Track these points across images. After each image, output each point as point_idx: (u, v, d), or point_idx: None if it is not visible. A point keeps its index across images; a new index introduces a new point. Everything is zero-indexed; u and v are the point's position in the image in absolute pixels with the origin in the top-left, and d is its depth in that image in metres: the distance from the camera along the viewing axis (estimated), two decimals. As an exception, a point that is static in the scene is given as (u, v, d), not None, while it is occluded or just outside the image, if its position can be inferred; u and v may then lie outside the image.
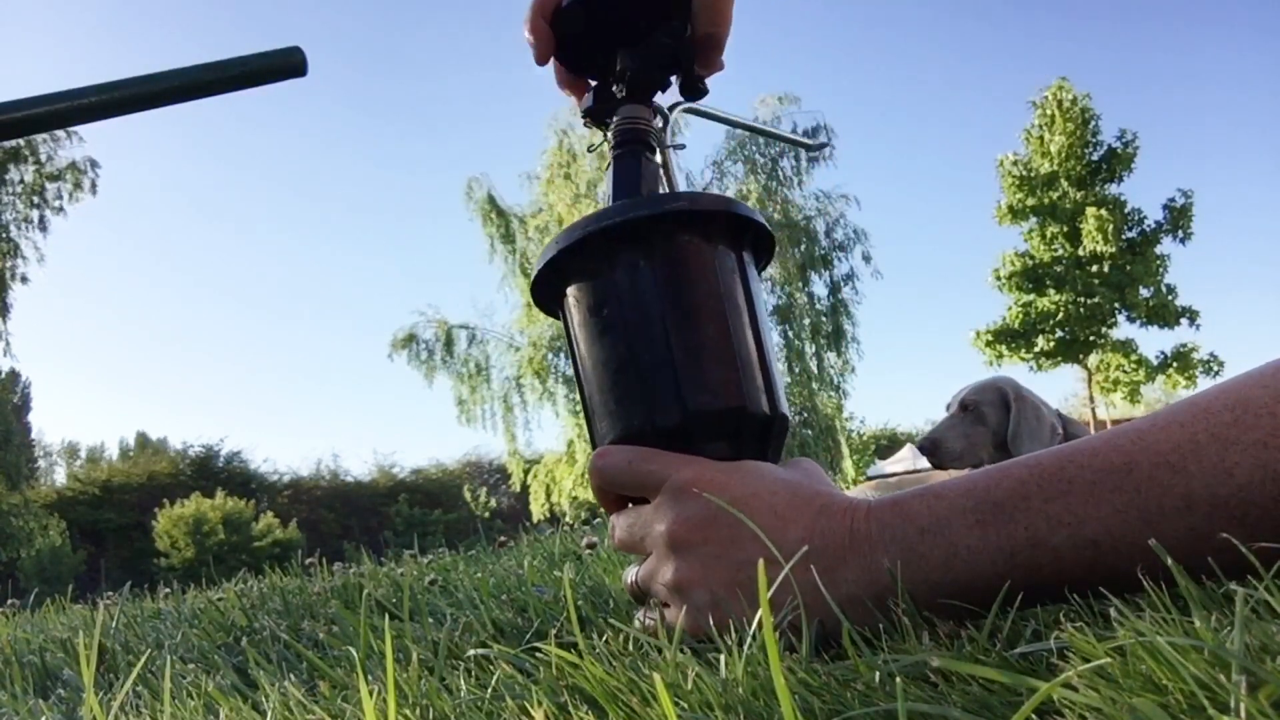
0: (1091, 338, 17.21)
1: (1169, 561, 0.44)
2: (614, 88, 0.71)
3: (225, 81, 0.78)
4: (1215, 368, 17.19)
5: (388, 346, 18.28)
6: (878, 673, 0.47)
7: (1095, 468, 0.47)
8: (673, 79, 0.71)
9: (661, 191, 0.65)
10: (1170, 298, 16.97)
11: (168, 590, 2.73)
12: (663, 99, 0.73)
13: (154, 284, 44.94)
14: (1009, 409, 2.69)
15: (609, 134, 0.70)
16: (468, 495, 23.86)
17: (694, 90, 0.70)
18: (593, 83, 0.74)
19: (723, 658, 0.51)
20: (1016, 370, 17.43)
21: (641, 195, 0.64)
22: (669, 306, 0.58)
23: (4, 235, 18.37)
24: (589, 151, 0.77)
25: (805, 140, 0.72)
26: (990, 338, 17.43)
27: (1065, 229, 17.13)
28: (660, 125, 0.72)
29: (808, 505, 0.54)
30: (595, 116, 0.72)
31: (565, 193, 17.34)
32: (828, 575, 0.52)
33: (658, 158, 0.70)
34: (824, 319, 17.61)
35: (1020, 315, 17.30)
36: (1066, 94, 17.16)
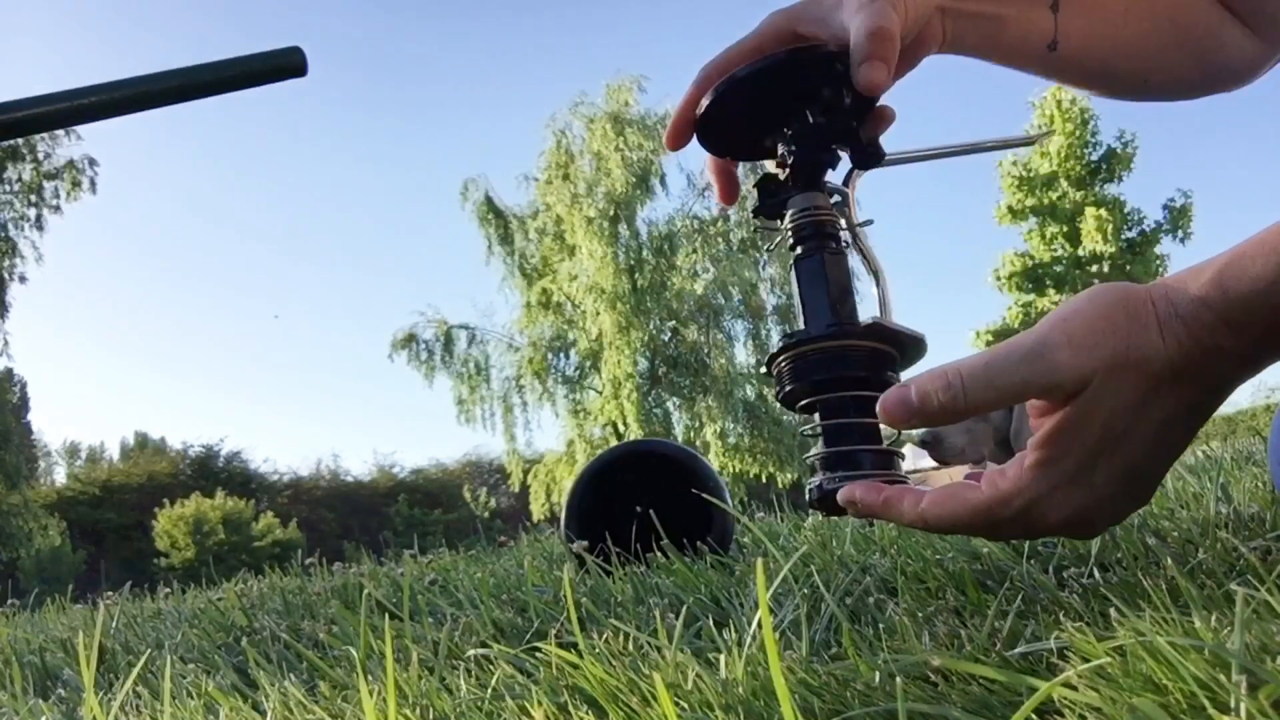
0: (1091, 338, 17.19)
1: None
2: (781, 175, 0.65)
3: (225, 81, 0.78)
4: (1215, 368, 17.22)
5: (388, 346, 18.27)
6: (878, 673, 0.47)
7: None
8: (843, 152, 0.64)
9: (847, 284, 0.62)
10: (1170, 298, 16.95)
11: (168, 590, 2.73)
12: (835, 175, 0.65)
13: (154, 284, 44.93)
14: (1011, 406, 2.70)
15: (785, 227, 0.64)
16: (468, 495, 23.86)
17: (868, 157, 0.62)
18: (752, 169, 0.68)
19: (722, 658, 0.51)
20: (1016, 370, 17.37)
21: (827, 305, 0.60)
22: None
23: (2, 234, 18.36)
24: (766, 251, 0.73)
25: (1027, 139, 0.59)
26: (990, 338, 17.42)
27: (1065, 229, 17.13)
28: (839, 202, 0.64)
29: (1125, 368, 0.47)
30: (768, 212, 0.65)
31: (563, 193, 17.33)
32: (1210, 396, 0.48)
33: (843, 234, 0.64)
34: (824, 319, 17.60)
35: (1020, 315, 17.29)
36: (1065, 94, 17.15)
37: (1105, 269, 16.86)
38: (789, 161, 0.64)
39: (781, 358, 0.61)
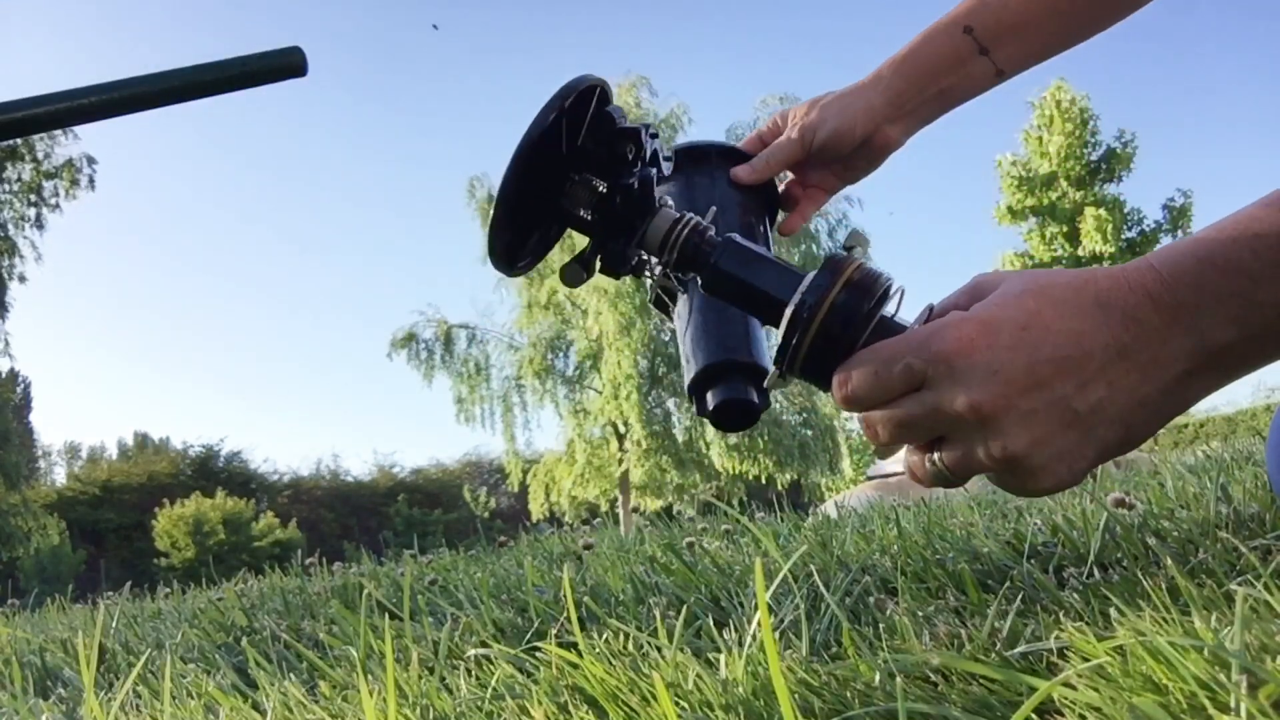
0: (1091, 338, 17.21)
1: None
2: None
3: (225, 81, 0.78)
4: (1215, 368, 17.23)
5: (387, 346, 18.27)
6: (878, 673, 0.47)
7: None
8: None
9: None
10: (1170, 298, 16.98)
11: (168, 590, 2.73)
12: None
13: (154, 283, 44.95)
14: None
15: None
16: (467, 495, 23.86)
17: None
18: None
19: (722, 657, 0.51)
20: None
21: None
22: None
23: (1, 234, 18.35)
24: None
25: None
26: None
27: (1065, 229, 17.13)
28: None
29: (1083, 303, 0.48)
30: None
31: (565, 193, 17.30)
32: (1153, 363, 0.47)
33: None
34: (824, 319, 17.60)
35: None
36: (1065, 94, 17.16)
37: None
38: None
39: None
